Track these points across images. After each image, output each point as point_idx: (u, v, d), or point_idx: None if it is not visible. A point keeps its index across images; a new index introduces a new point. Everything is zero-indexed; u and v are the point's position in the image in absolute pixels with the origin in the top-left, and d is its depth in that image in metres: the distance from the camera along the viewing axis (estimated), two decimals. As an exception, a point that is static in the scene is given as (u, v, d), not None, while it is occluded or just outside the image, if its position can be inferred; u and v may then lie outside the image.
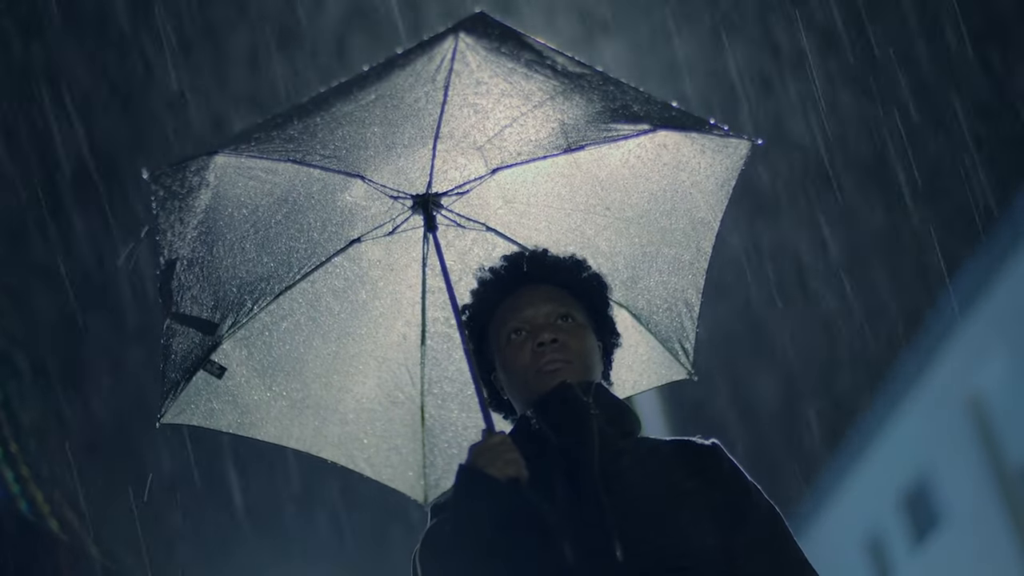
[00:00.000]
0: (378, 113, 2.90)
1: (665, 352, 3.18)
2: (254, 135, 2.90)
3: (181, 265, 2.91)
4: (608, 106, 2.95)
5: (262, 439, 3.12)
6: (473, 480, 2.39)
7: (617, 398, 2.70)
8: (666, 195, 3.08)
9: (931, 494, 17.66)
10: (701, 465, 2.55)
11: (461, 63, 2.81)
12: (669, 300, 3.14)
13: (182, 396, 3.01)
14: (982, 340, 15.82)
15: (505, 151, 3.03)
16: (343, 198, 3.04)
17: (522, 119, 2.97)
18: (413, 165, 3.03)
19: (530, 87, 2.88)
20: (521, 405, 2.65)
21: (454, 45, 2.76)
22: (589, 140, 3.01)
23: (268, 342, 3.08)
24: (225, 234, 2.95)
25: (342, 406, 3.17)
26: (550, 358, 2.58)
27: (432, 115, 2.91)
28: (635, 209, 3.10)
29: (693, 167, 3.05)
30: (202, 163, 2.89)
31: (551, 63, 2.83)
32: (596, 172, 3.08)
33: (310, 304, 3.11)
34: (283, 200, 2.99)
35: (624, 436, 2.59)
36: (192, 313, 2.94)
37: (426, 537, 2.50)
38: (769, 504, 2.55)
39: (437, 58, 2.79)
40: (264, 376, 3.09)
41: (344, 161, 2.98)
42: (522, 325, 2.65)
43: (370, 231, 3.09)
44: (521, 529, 2.35)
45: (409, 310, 3.18)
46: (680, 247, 3.12)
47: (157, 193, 2.88)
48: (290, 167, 2.95)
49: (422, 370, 3.18)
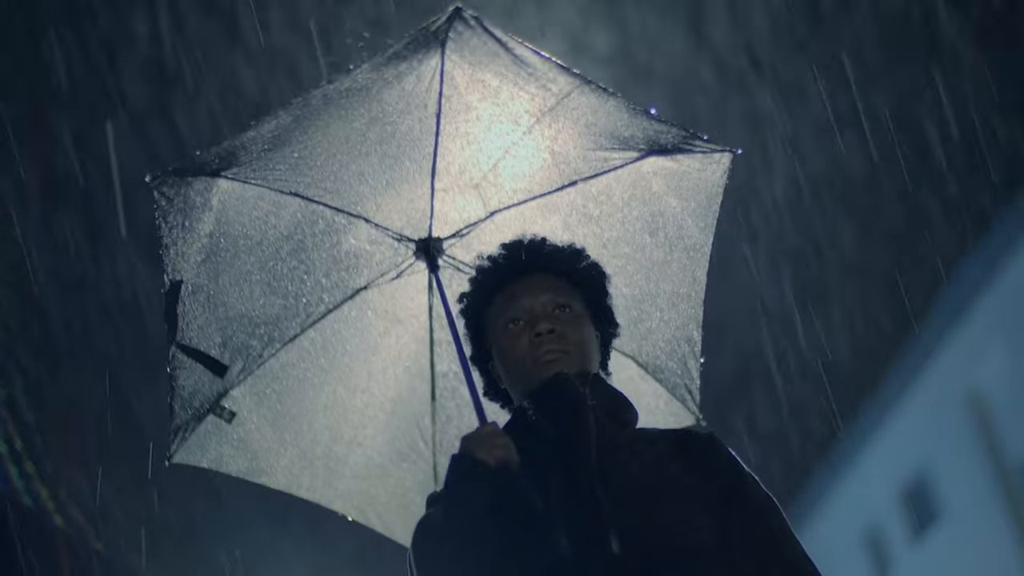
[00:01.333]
0: (373, 139, 2.90)
1: (673, 400, 3.19)
2: (252, 155, 2.88)
3: (186, 289, 2.90)
4: (594, 128, 2.94)
5: (272, 487, 3.14)
6: (463, 465, 2.39)
7: (615, 389, 2.65)
8: (659, 225, 3.09)
9: (930, 489, 17.65)
10: (698, 456, 2.50)
11: (450, 86, 2.82)
12: (672, 342, 3.15)
13: (192, 439, 3.02)
14: (982, 335, 15.80)
15: (501, 190, 3.04)
16: (348, 240, 3.04)
17: (514, 149, 2.97)
18: (413, 205, 3.03)
19: (517, 109, 2.89)
20: (518, 395, 2.61)
21: (440, 65, 2.77)
22: (581, 174, 3.02)
23: (278, 391, 3.08)
24: (231, 264, 2.95)
25: (352, 459, 3.17)
26: (547, 348, 2.54)
27: (427, 147, 2.92)
28: (631, 244, 3.11)
29: (682, 191, 3.06)
30: (205, 183, 2.89)
31: (533, 73, 2.83)
32: (591, 210, 3.08)
33: (318, 354, 3.10)
34: (288, 237, 2.99)
35: (621, 427, 2.55)
36: (199, 347, 2.94)
37: (419, 525, 2.47)
38: (767, 495, 2.50)
39: (426, 77, 2.79)
40: (274, 426, 3.09)
41: (345, 197, 2.98)
42: (520, 314, 2.61)
43: (376, 279, 3.10)
44: (511, 513, 2.33)
45: (417, 363, 3.17)
46: (678, 280, 3.13)
47: (159, 202, 2.88)
48: (294, 201, 2.95)
49: (433, 427, 3.17)
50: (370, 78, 2.80)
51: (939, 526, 17.44)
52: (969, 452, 16.36)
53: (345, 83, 2.81)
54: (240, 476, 3.11)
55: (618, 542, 2.30)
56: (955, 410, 16.58)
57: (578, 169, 3.01)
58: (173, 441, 3.02)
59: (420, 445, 3.19)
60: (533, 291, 2.64)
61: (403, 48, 2.77)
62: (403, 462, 3.19)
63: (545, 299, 2.62)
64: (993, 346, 15.60)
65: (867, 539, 19.83)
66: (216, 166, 2.89)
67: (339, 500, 3.18)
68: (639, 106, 2.94)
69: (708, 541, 2.37)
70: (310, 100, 2.83)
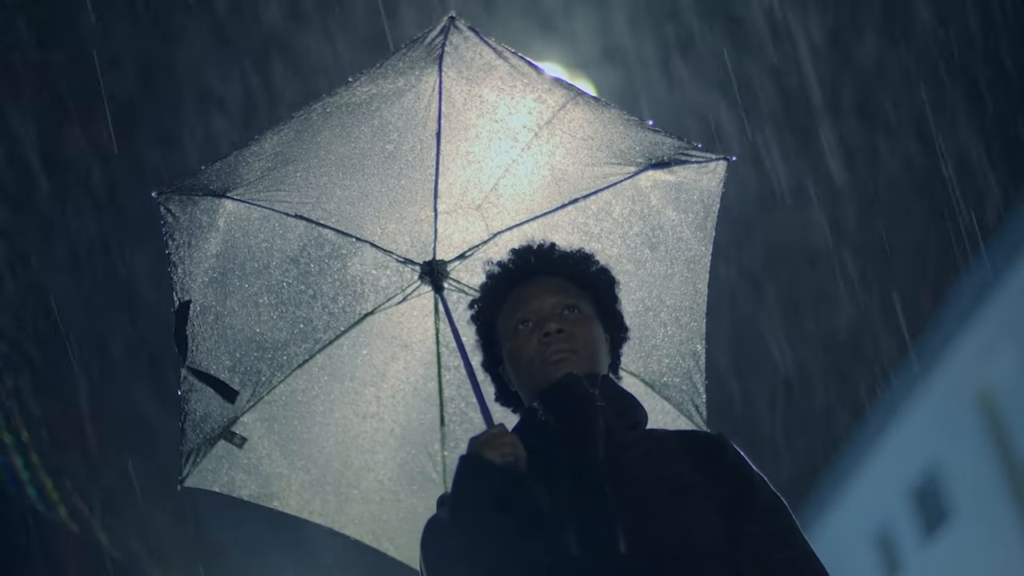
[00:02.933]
0: (375, 159, 2.92)
1: (680, 416, 3.20)
2: (255, 173, 2.89)
3: (194, 310, 2.93)
4: (592, 142, 2.96)
5: (283, 511, 3.16)
6: (470, 465, 2.40)
7: (624, 390, 2.67)
8: (659, 239, 3.11)
9: (940, 488, 17.61)
10: (706, 457, 2.51)
11: (449, 104, 2.85)
12: (677, 357, 3.16)
13: (204, 463, 3.05)
14: (992, 335, 15.76)
15: (503, 210, 3.07)
16: (354, 264, 3.07)
17: (513, 167, 2.99)
18: (417, 228, 3.06)
19: (515, 125, 2.91)
20: (528, 397, 2.63)
21: (439, 82, 2.79)
22: (580, 192, 3.04)
23: (288, 417, 3.11)
24: (239, 287, 2.98)
25: (363, 485, 3.18)
26: (556, 348, 2.57)
27: (428, 167, 2.95)
28: (633, 261, 3.12)
29: (680, 203, 3.08)
30: (211, 204, 2.91)
31: (529, 84, 2.84)
32: (592, 228, 3.11)
33: (327, 379, 3.13)
34: (295, 260, 3.02)
35: (630, 428, 2.56)
36: (210, 370, 2.96)
37: (427, 525, 2.50)
38: (775, 495, 2.51)
39: (424, 95, 2.82)
40: (285, 451, 3.11)
41: (350, 219, 3.01)
42: (529, 316, 2.64)
43: (382, 303, 3.12)
44: (519, 512, 2.34)
45: (425, 388, 3.19)
46: (680, 294, 3.15)
47: (166, 218, 2.90)
48: (300, 224, 2.98)
49: (443, 452, 3.19)
50: (369, 92, 2.82)
51: (949, 526, 17.39)
52: (979, 451, 16.32)
53: (344, 96, 2.83)
54: (252, 500, 3.14)
55: (626, 541, 2.31)
56: (965, 409, 16.54)
57: (577, 187, 3.03)
58: (185, 465, 3.05)
59: (430, 470, 3.20)
60: (542, 293, 2.67)
61: (399, 61, 2.79)
62: (413, 486, 3.21)
63: (554, 300, 2.65)
64: (1003, 345, 15.56)
65: (877, 539, 19.78)
66: (221, 186, 2.91)
67: (351, 525, 3.20)
68: (633, 116, 2.95)
69: (716, 541, 2.37)
70: (311, 114, 2.84)
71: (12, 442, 10.53)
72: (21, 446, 10.57)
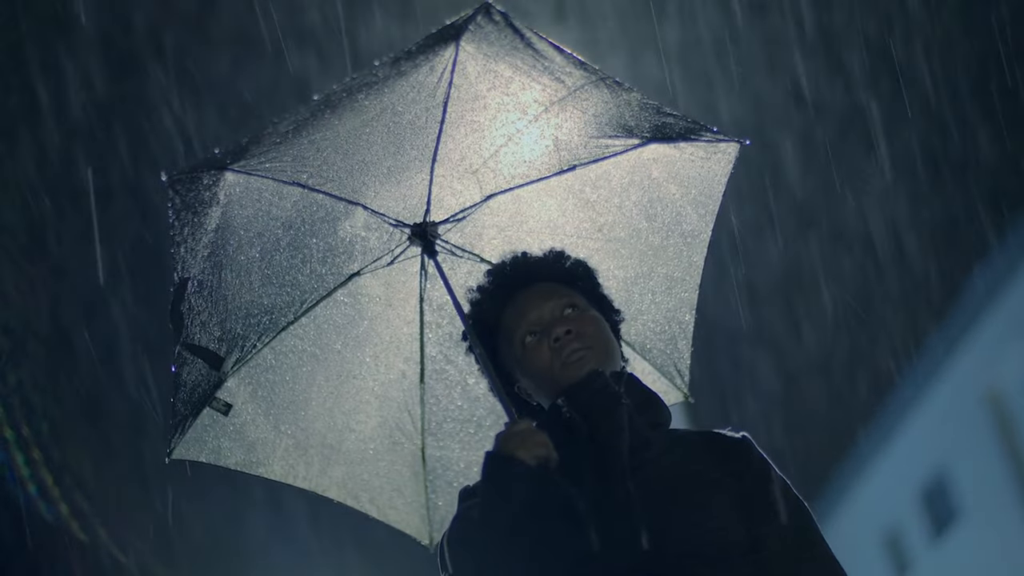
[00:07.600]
0: (380, 128, 2.92)
1: (661, 378, 3.18)
2: (262, 147, 2.91)
3: (192, 286, 2.93)
4: (601, 118, 2.94)
5: (268, 477, 3.14)
6: (503, 465, 2.40)
7: (648, 389, 2.68)
8: (657, 211, 3.09)
9: (949, 489, 17.61)
10: (730, 458, 2.53)
11: (461, 76, 2.83)
12: (663, 323, 3.16)
13: (190, 433, 3.03)
14: (1001, 335, 15.75)
15: (499, 175, 3.05)
16: (344, 227, 3.05)
17: (517, 136, 2.98)
18: (412, 191, 3.04)
19: (526, 99, 2.90)
20: (551, 402, 2.64)
21: (455, 55, 2.78)
22: (580, 160, 3.01)
23: (272, 380, 3.09)
24: (234, 258, 2.97)
25: (346, 446, 3.17)
26: (571, 348, 2.57)
27: (431, 134, 2.93)
28: (627, 229, 3.11)
29: (683, 179, 3.06)
30: (213, 178, 2.91)
31: (549, 67, 2.83)
32: (588, 195, 3.09)
33: (311, 341, 3.11)
34: (288, 226, 3.01)
35: (654, 427, 2.58)
36: (200, 342, 2.96)
37: (454, 522, 2.51)
38: (797, 498, 2.53)
39: (439, 68, 2.81)
40: (269, 415, 3.10)
41: (346, 185, 3.00)
42: (532, 327, 2.64)
43: (369, 264, 3.10)
44: (551, 513, 2.36)
45: (407, 347, 3.18)
46: (673, 264, 3.13)
47: (174, 200, 2.91)
48: (296, 191, 2.96)
49: (422, 409, 3.18)
50: (387, 72, 2.83)
51: (958, 526, 17.39)
52: (988, 452, 16.32)
53: (366, 78, 2.85)
54: (238, 469, 3.11)
55: (649, 539, 2.32)
56: (974, 410, 16.54)
57: (578, 155, 3.01)
58: (172, 436, 3.03)
59: (409, 427, 3.19)
60: (535, 302, 2.68)
61: (423, 42, 2.80)
62: (394, 446, 3.19)
63: (550, 305, 2.66)
64: (1012, 346, 15.57)
65: (886, 540, 19.78)
66: (225, 160, 2.92)
67: (334, 487, 3.18)
68: (653, 101, 2.94)
69: (738, 540, 2.40)
70: (330, 96, 2.87)
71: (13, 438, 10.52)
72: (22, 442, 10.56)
